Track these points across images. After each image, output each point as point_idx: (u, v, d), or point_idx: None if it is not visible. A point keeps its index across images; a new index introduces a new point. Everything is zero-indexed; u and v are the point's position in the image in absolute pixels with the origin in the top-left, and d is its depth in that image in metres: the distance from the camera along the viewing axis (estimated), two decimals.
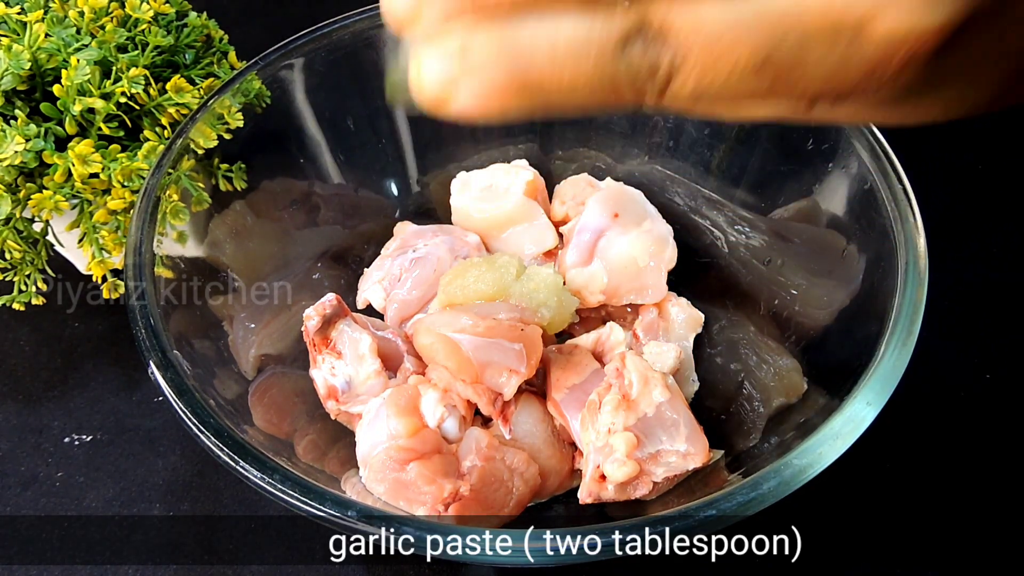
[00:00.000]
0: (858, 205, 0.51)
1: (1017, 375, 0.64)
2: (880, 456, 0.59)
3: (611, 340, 0.57)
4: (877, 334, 0.44)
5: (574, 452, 0.54)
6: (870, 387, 0.41)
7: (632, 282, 0.59)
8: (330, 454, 0.53)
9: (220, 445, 0.41)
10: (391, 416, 0.51)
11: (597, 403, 0.50)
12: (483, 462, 0.49)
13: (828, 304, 0.53)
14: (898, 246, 0.46)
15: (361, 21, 0.61)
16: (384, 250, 0.65)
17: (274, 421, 0.51)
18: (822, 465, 0.39)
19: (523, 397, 0.54)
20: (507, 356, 0.52)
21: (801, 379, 0.52)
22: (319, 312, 0.54)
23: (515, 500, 0.50)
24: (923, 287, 0.44)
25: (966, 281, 0.71)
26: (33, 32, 0.54)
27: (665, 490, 0.49)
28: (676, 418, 0.49)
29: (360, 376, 0.54)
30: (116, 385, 0.66)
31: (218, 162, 0.57)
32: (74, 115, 0.54)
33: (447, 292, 0.57)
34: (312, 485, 0.39)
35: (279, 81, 0.60)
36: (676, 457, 0.48)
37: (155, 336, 0.45)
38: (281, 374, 0.56)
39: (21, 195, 0.55)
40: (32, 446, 0.62)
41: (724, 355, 0.59)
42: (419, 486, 0.48)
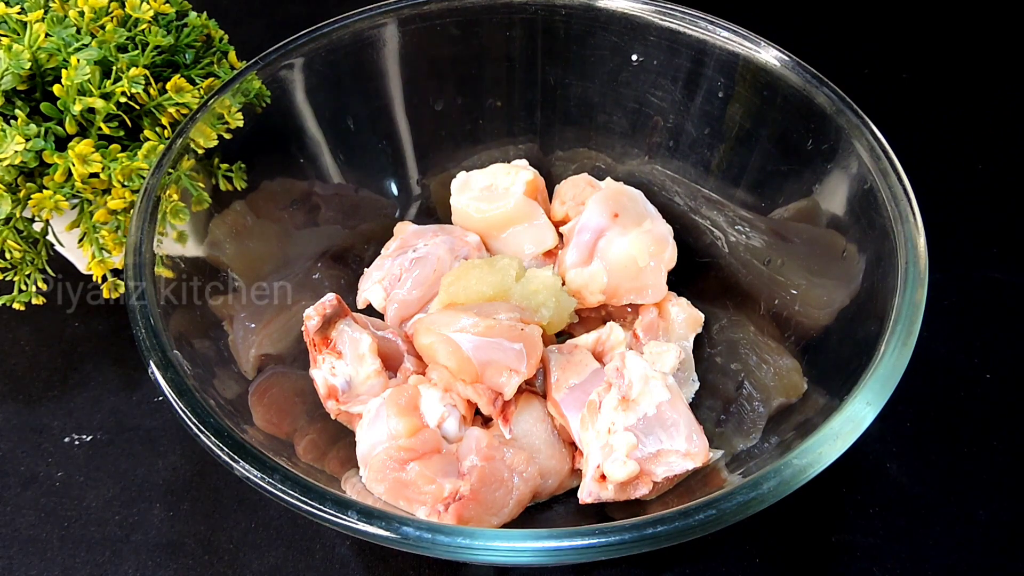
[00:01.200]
0: (858, 205, 0.51)
1: (1017, 375, 0.64)
2: (880, 456, 0.59)
3: (611, 340, 0.57)
4: (877, 334, 0.44)
5: (574, 452, 0.54)
6: (870, 387, 0.41)
7: (632, 282, 0.59)
8: (330, 454, 0.53)
9: (220, 445, 0.41)
10: (391, 416, 0.51)
11: (597, 403, 0.50)
12: (483, 462, 0.49)
13: (828, 304, 0.53)
14: (898, 246, 0.46)
15: (361, 21, 0.62)
16: (384, 250, 0.65)
17: (274, 421, 0.51)
18: (822, 465, 0.39)
19: (523, 397, 0.54)
20: (507, 356, 0.52)
21: (801, 379, 0.52)
22: (319, 312, 0.54)
23: (515, 500, 0.50)
24: (923, 287, 0.44)
25: (966, 281, 0.71)
26: (33, 32, 0.54)
27: (665, 490, 0.49)
28: (676, 418, 0.49)
29: (360, 376, 0.54)
30: (116, 385, 0.66)
31: (218, 162, 0.57)
32: (74, 115, 0.54)
33: (449, 292, 0.57)
34: (312, 485, 0.39)
35: (279, 81, 0.60)
36: (676, 457, 0.48)
37: (155, 336, 0.45)
38: (281, 374, 0.56)
39: (21, 195, 0.55)
40: (32, 446, 0.62)
41: (724, 355, 0.59)
42: (419, 486, 0.48)
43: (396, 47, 0.64)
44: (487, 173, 0.65)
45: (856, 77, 0.91)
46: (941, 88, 0.89)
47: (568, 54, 0.64)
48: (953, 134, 0.84)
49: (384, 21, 0.62)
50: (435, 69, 0.66)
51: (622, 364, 0.51)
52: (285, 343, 0.58)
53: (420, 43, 0.64)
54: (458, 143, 0.69)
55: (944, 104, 0.87)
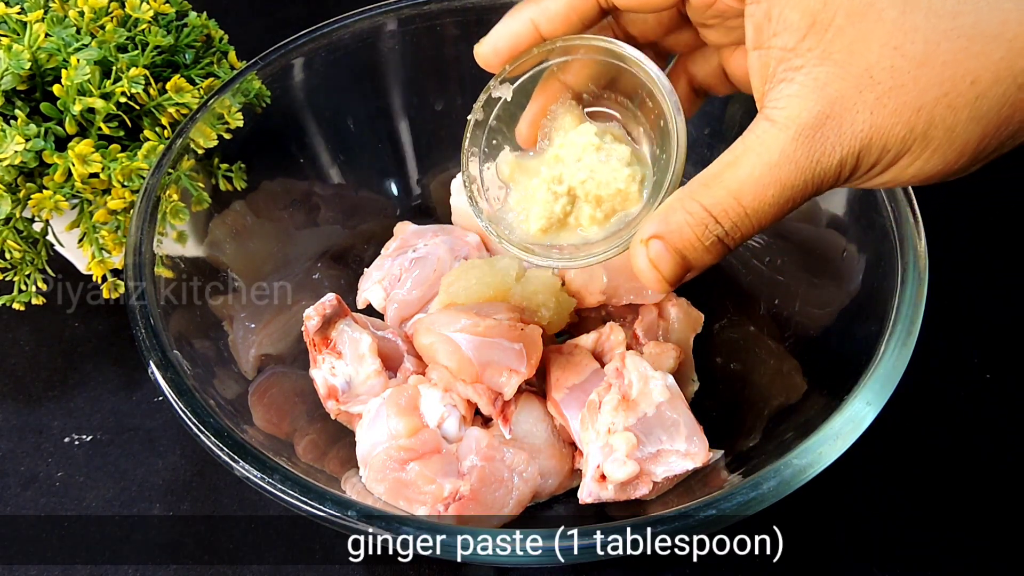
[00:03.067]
0: (858, 205, 0.51)
1: (1017, 375, 0.64)
2: (880, 456, 0.59)
3: (611, 340, 0.57)
4: (877, 334, 0.44)
5: (574, 452, 0.54)
6: (870, 387, 0.41)
7: (631, 282, 0.59)
8: (330, 454, 0.53)
9: (220, 445, 0.41)
10: (391, 416, 0.51)
11: (597, 403, 0.50)
12: (483, 462, 0.49)
13: (828, 304, 0.53)
14: (898, 246, 0.46)
15: (361, 21, 0.62)
16: (384, 250, 0.65)
17: (274, 421, 0.51)
18: (822, 465, 0.39)
19: (523, 397, 0.54)
20: (507, 356, 0.52)
21: (801, 379, 0.52)
22: (319, 312, 0.54)
23: (515, 500, 0.50)
24: (923, 287, 0.44)
25: (966, 281, 0.71)
26: (33, 32, 0.54)
27: (665, 490, 0.49)
28: (676, 418, 0.49)
29: (360, 376, 0.54)
30: (116, 385, 0.66)
31: (218, 162, 0.57)
32: (74, 115, 0.54)
33: (449, 292, 0.57)
34: (312, 485, 0.39)
35: (279, 81, 0.60)
36: (676, 457, 0.48)
37: (155, 336, 0.45)
38: (281, 374, 0.56)
39: (21, 195, 0.55)
40: (32, 446, 0.62)
41: (724, 355, 0.59)
42: (419, 486, 0.48)
43: (396, 47, 0.64)
44: None
45: None
46: None
47: None
48: None
49: (384, 21, 0.62)
50: (435, 69, 0.66)
51: (622, 364, 0.51)
52: (285, 343, 0.58)
53: (420, 43, 0.64)
54: (458, 143, 0.69)
55: None
